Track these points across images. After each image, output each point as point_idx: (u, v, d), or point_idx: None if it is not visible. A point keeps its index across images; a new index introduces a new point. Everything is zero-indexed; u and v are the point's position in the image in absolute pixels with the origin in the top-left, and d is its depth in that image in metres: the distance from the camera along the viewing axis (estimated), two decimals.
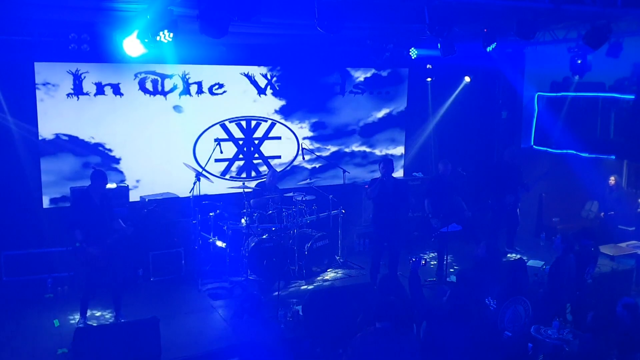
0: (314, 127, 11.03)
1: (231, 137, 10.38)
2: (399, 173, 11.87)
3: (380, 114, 11.61)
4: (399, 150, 11.90)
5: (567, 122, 11.50)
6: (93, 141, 9.27)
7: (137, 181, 9.62)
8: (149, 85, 9.58)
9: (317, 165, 11.05)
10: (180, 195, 9.24)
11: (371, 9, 7.50)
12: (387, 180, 8.31)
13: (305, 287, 8.77)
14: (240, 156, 10.53)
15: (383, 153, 11.68)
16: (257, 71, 10.37)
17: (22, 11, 7.50)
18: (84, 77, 9.07)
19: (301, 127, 10.92)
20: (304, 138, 10.91)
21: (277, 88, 10.56)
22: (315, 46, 9.99)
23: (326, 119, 11.12)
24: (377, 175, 8.78)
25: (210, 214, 9.17)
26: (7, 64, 8.42)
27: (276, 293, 7.57)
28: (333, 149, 11.25)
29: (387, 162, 8.45)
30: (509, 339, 6.60)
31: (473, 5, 7.14)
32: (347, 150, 11.38)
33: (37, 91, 8.79)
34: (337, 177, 10.63)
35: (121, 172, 9.52)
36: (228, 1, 5.83)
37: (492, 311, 6.64)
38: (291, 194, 9.42)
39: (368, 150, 11.62)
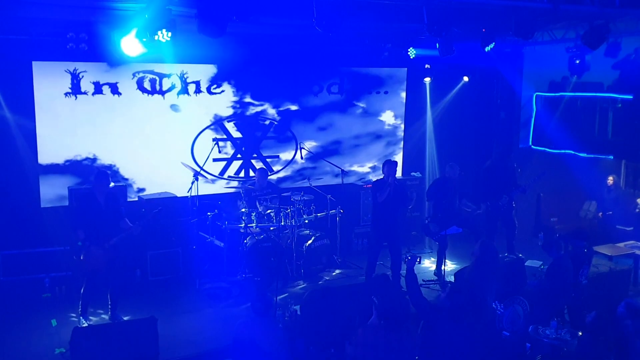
0: (311, 126, 11.05)
1: (229, 137, 10.37)
2: (397, 172, 11.86)
3: (379, 113, 11.62)
4: (398, 149, 11.91)
5: (565, 122, 11.50)
6: (91, 140, 9.24)
7: (135, 181, 9.61)
8: (147, 85, 9.56)
9: (315, 165, 11.02)
10: (178, 195, 9.22)
11: (370, 9, 7.50)
12: (393, 182, 8.27)
13: (303, 286, 8.77)
14: (239, 156, 10.52)
15: (382, 151, 11.69)
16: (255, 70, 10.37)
17: (20, 10, 7.48)
18: (82, 76, 9.05)
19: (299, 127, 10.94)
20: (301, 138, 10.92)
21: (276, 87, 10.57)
22: (313, 46, 9.97)
23: (324, 118, 11.14)
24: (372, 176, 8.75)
25: (209, 213, 9.17)
26: (5, 62, 8.41)
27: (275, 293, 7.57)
28: (330, 147, 11.25)
29: (392, 164, 8.39)
30: (507, 339, 6.61)
31: (471, 5, 7.14)
32: (344, 149, 11.40)
33: (35, 90, 8.77)
34: (336, 176, 10.63)
35: (119, 172, 9.50)
36: (226, 0, 5.82)
37: (498, 314, 6.65)
38: (289, 194, 9.41)
39: (366, 147, 11.64)
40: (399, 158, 11.81)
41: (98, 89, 9.20)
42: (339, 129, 11.23)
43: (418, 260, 6.15)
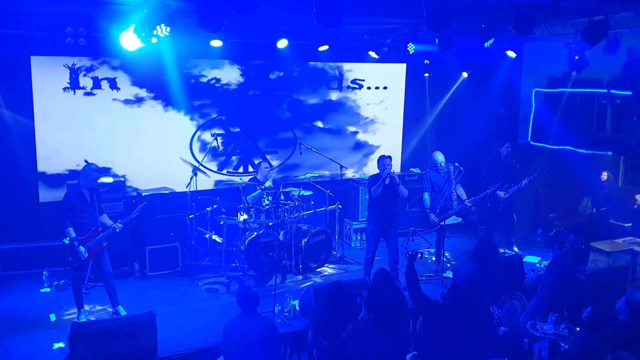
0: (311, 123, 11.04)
1: (228, 132, 10.36)
2: (396, 168, 11.86)
3: (378, 109, 11.60)
4: (396, 144, 11.89)
5: (564, 118, 11.50)
6: (89, 135, 9.23)
7: (133, 176, 9.59)
8: None
9: (314, 161, 10.99)
10: (177, 190, 9.21)
11: (369, 4, 7.48)
12: (387, 177, 8.22)
13: (302, 282, 8.78)
14: (237, 151, 10.51)
15: (380, 147, 11.69)
16: (254, 66, 10.34)
17: (19, 5, 7.46)
18: (81, 71, 9.04)
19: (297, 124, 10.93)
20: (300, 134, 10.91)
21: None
22: (312, 41, 9.95)
23: (324, 116, 11.12)
24: (373, 171, 8.73)
25: (207, 208, 9.17)
26: (4, 57, 8.40)
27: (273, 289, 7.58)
28: (329, 144, 11.23)
29: (385, 159, 8.37)
30: (505, 334, 6.63)
31: (471, 1, 7.13)
32: (344, 145, 11.39)
33: (33, 85, 8.75)
34: (334, 173, 10.62)
35: (116, 167, 9.48)
36: None
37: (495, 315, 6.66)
38: (288, 189, 9.41)
39: (365, 143, 11.64)
40: (395, 154, 11.81)
41: (97, 83, 9.18)
42: (335, 125, 11.24)
43: (419, 256, 6.14)
